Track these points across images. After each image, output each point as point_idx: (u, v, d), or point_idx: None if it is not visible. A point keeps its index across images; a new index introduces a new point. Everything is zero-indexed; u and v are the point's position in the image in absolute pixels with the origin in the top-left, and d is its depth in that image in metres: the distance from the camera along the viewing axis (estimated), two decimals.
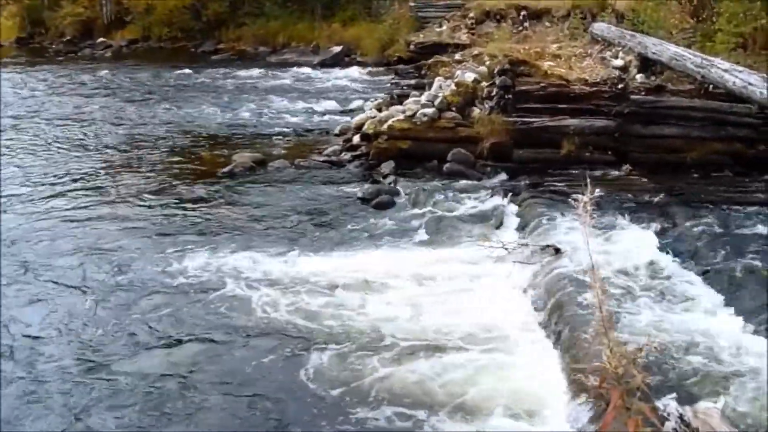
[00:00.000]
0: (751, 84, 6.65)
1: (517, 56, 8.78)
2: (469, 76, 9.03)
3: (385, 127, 8.51)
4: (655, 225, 6.00)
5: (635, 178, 7.42)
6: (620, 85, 8.20)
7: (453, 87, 8.84)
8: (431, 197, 7.18)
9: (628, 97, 7.95)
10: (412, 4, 18.77)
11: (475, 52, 11.65)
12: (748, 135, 7.66)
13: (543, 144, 7.92)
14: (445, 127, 8.37)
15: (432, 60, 13.14)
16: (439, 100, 8.54)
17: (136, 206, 7.31)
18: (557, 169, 7.62)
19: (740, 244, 5.46)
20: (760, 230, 5.80)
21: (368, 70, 17.00)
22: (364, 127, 8.88)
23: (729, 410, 3.41)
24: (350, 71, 17.19)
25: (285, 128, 11.07)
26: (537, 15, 15.32)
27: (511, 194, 7.08)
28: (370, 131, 8.68)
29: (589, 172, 7.01)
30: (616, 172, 7.58)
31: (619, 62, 9.18)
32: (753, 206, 6.42)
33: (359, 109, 11.18)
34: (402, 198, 7.33)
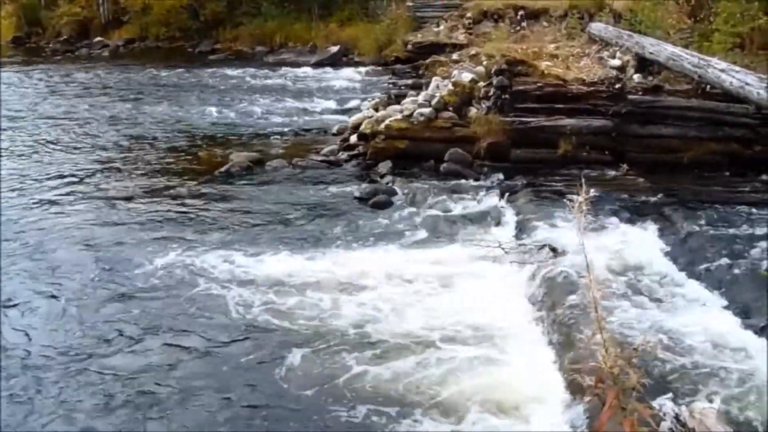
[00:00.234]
0: (748, 84, 6.66)
1: (514, 56, 8.80)
2: (467, 76, 9.04)
3: (382, 126, 8.51)
4: (651, 225, 6.01)
5: (632, 178, 7.42)
6: (617, 85, 8.22)
7: (450, 87, 8.84)
8: (428, 197, 7.18)
9: (626, 97, 7.96)
10: (410, 4, 18.74)
11: (473, 52, 11.67)
12: (745, 135, 7.69)
13: (540, 144, 7.92)
14: (442, 126, 8.37)
15: (429, 60, 13.17)
16: (436, 99, 8.54)
17: (131, 206, 7.28)
18: (554, 169, 7.63)
19: (737, 244, 5.46)
20: (757, 230, 5.80)
21: (365, 70, 16.95)
22: (362, 127, 8.87)
23: (725, 410, 3.40)
24: (347, 71, 17.16)
25: (282, 128, 11.06)
26: (534, 15, 15.32)
27: (508, 194, 7.07)
28: (368, 131, 8.68)
29: (586, 172, 7.07)
30: (613, 172, 7.59)
31: (617, 62, 9.20)
32: (750, 206, 6.42)
33: (356, 109, 11.16)
34: (399, 198, 7.32)
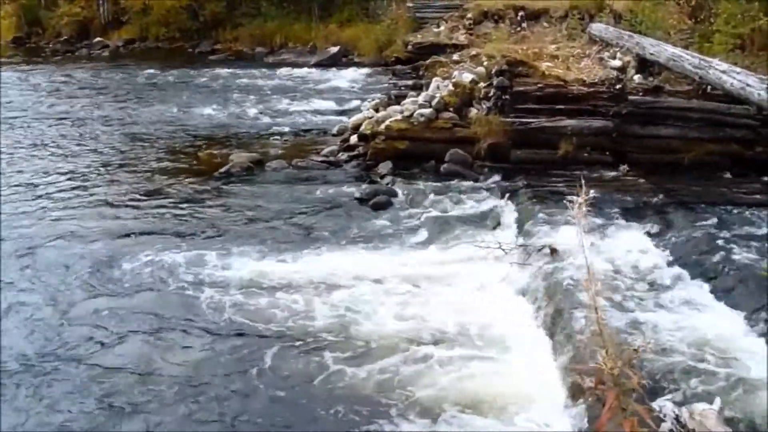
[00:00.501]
0: (749, 85, 6.64)
1: (514, 57, 8.80)
2: (467, 77, 9.04)
3: (382, 127, 8.50)
4: (652, 226, 5.99)
5: (633, 178, 7.40)
6: (618, 86, 8.21)
7: (450, 87, 8.84)
8: (428, 197, 7.18)
9: (626, 98, 7.95)
10: (410, 5, 18.73)
11: (473, 53, 11.64)
12: (746, 136, 7.66)
13: (540, 144, 7.91)
14: (443, 127, 8.37)
15: (430, 60, 13.13)
16: (436, 100, 8.53)
17: (129, 206, 7.30)
18: (555, 170, 7.60)
19: (738, 245, 5.44)
20: (758, 231, 5.79)
21: (366, 71, 16.96)
22: (362, 128, 8.87)
23: (725, 411, 3.39)
24: (348, 72, 17.16)
25: (282, 128, 11.06)
26: (535, 15, 15.29)
27: (508, 195, 7.06)
28: (368, 131, 8.68)
29: (587, 173, 7.05)
30: (614, 173, 7.57)
31: (617, 63, 9.20)
32: (750, 207, 6.40)
33: (357, 110, 11.16)
34: (399, 198, 7.32)
